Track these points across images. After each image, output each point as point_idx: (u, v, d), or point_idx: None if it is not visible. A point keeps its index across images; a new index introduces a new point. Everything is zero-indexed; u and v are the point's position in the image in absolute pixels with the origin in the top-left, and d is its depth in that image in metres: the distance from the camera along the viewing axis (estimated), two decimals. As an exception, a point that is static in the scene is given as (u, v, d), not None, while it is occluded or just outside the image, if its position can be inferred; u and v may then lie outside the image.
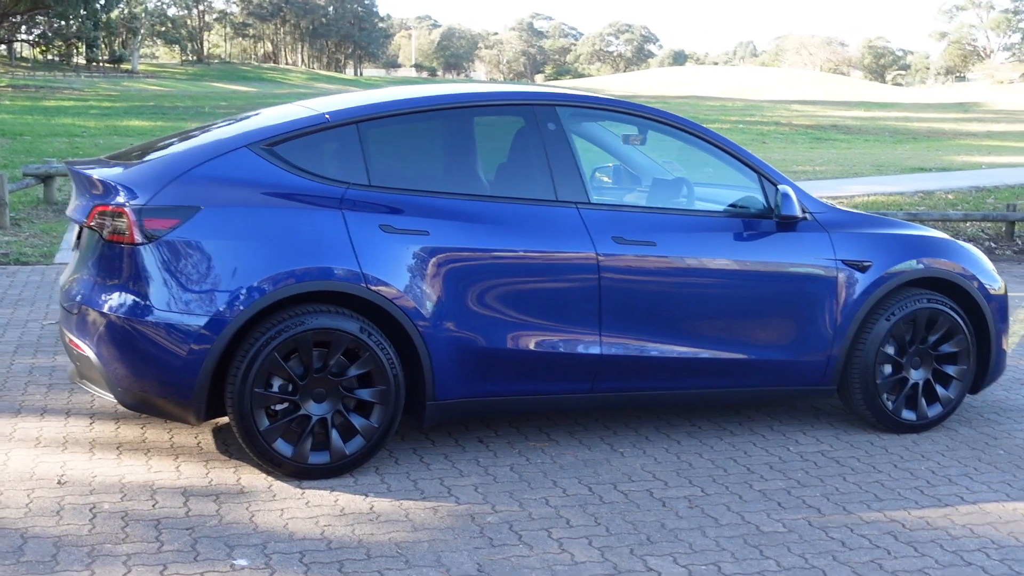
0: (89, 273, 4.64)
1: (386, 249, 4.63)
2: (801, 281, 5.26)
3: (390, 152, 4.91)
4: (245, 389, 4.45)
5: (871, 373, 5.38)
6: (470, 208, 4.82)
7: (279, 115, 5.00)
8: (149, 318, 4.42)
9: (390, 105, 4.94)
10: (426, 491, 4.54)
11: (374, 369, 4.61)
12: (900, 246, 5.47)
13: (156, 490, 4.46)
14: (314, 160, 4.73)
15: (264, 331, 4.46)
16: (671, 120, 5.33)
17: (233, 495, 4.43)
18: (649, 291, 5.03)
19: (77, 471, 4.64)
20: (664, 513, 4.39)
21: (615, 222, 4.99)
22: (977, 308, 5.58)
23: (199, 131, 5.24)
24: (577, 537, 4.13)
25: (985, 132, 37.78)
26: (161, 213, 4.45)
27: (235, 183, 4.58)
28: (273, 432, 4.52)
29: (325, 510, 4.31)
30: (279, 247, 4.51)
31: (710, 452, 5.14)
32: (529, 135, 5.02)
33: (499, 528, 4.19)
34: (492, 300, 4.79)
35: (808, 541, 4.16)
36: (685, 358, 5.12)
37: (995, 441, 5.46)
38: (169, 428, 5.22)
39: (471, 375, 4.80)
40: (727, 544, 4.11)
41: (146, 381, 4.49)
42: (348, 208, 4.63)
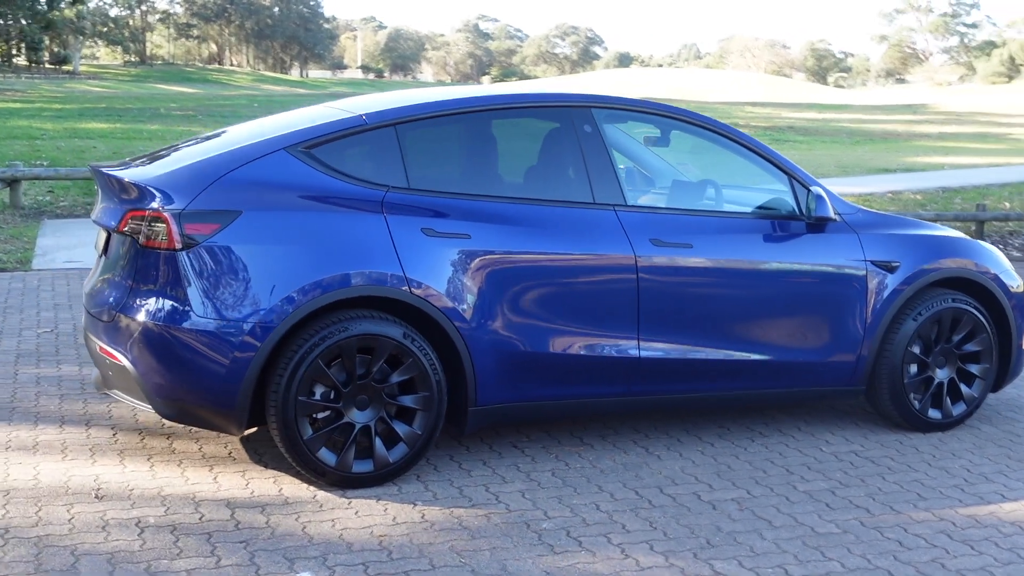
0: (122, 280, 4.52)
1: (429, 253, 4.56)
2: (833, 282, 5.28)
3: (428, 154, 4.85)
4: (289, 397, 4.36)
5: (899, 373, 5.41)
6: (510, 211, 4.77)
7: (312, 117, 4.91)
8: (190, 325, 4.32)
9: (427, 107, 4.87)
10: (473, 498, 4.49)
11: (417, 375, 4.54)
12: (926, 246, 5.51)
13: (199, 502, 4.35)
14: (352, 163, 4.66)
15: (307, 337, 4.38)
16: (702, 121, 5.32)
17: (279, 506, 4.34)
18: (686, 293, 5.02)
19: (112, 484, 4.52)
20: (716, 516, 4.37)
21: (652, 224, 4.96)
22: (999, 307, 5.63)
23: (225, 134, 5.14)
24: (637, 542, 4.10)
25: (937, 133, 38.38)
26: (202, 218, 4.35)
27: (274, 187, 4.49)
28: (316, 441, 4.44)
29: (377, 519, 4.24)
30: (323, 251, 4.43)
31: (745, 454, 5.13)
32: (565, 137, 4.98)
33: (557, 534, 4.14)
34: (533, 303, 4.74)
35: (865, 542, 4.17)
36: (720, 360, 5.10)
37: (1019, 438, 5.52)
38: (197, 437, 5.11)
39: (511, 380, 4.75)
40: (787, 546, 4.10)
41: (187, 390, 4.39)
42: (390, 211, 4.56)
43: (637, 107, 5.28)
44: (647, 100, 5.36)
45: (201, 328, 4.31)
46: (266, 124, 5.11)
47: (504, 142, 5.08)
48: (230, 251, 4.34)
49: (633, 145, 5.84)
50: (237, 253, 4.35)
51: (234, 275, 4.34)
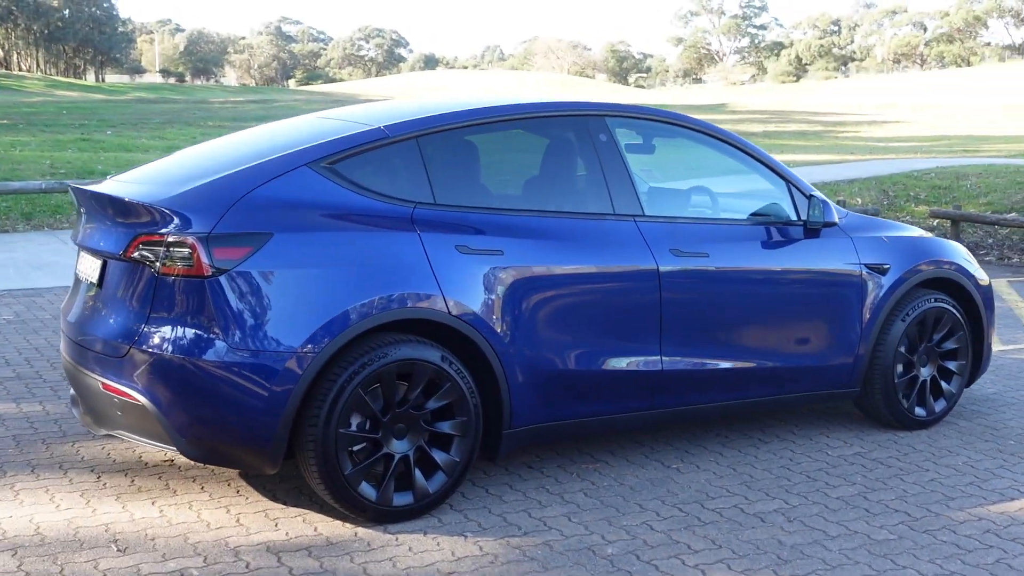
0: (134, 310, 4.12)
1: (463, 271, 4.35)
2: (835, 286, 5.33)
3: (452, 167, 4.62)
4: (329, 430, 4.07)
5: (890, 373, 5.51)
6: (538, 225, 4.60)
7: (322, 130, 4.60)
8: (222, 358, 3.97)
9: (446, 118, 4.63)
10: (521, 525, 4.30)
11: (455, 399, 4.32)
12: (912, 249, 5.63)
13: (235, 549, 4.01)
14: (376, 178, 4.39)
15: (346, 366, 4.10)
16: (707, 129, 5.29)
17: (323, 547, 4.05)
18: (704, 303, 4.96)
19: (127, 532, 4.12)
20: (770, 529, 4.32)
21: (670, 234, 4.88)
22: (973, 304, 5.82)
23: (218, 148, 4.78)
24: (712, 562, 4.00)
25: (763, 132, 39.88)
26: (232, 241, 4.01)
27: (300, 206, 4.19)
28: (357, 475, 4.16)
29: (436, 555, 4.00)
30: (360, 273, 4.15)
31: (759, 462, 5.11)
32: (583, 147, 4.84)
33: (628, 559, 4.00)
34: (563, 319, 4.59)
35: (925, 546, 4.19)
36: (736, 368, 5.07)
37: (998, 432, 5.70)
38: (190, 473, 4.73)
39: (543, 400, 4.58)
40: (856, 556, 4.08)
41: (219, 428, 4.03)
42: (422, 228, 4.32)
43: (647, 115, 5.19)
44: (658, 108, 5.27)
45: (235, 360, 3.97)
46: (264, 138, 4.78)
47: (525, 153, 4.91)
48: (263, 276, 4.02)
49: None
50: (270, 278, 4.03)
51: (268, 302, 4.02)
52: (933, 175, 17.64)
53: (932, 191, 16.17)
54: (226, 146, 4.83)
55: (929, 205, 15.11)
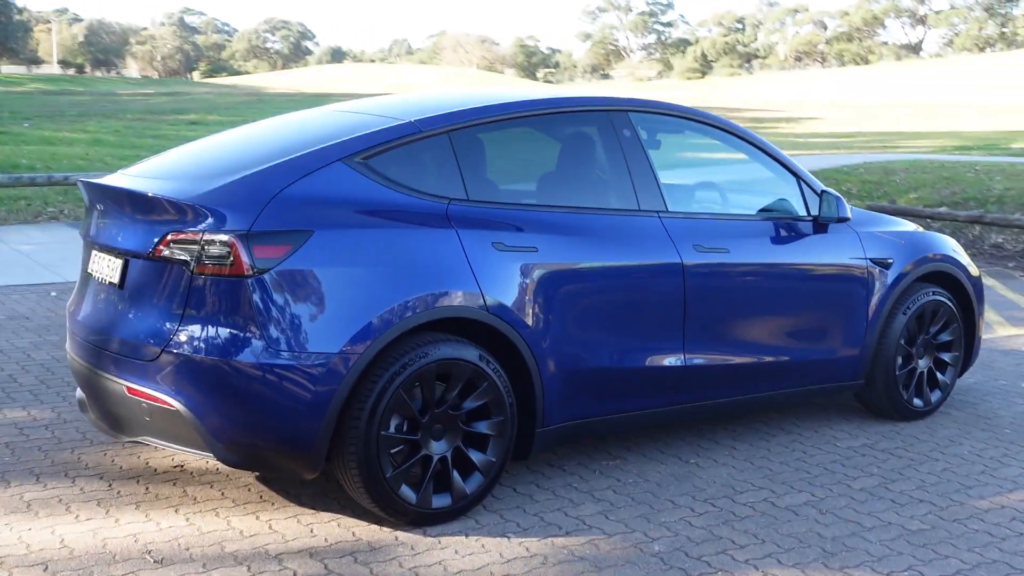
0: (165, 311, 3.96)
1: (500, 269, 4.28)
2: (844, 281, 5.39)
3: (482, 163, 4.55)
4: (371, 432, 3.97)
5: (892, 366, 5.59)
6: (569, 221, 4.55)
7: (349, 124, 4.48)
8: (263, 360, 3.84)
9: (478, 112, 4.54)
10: (561, 525, 4.25)
11: (492, 399, 4.25)
12: (911, 243, 5.72)
13: (277, 556, 3.89)
14: (410, 174, 4.29)
15: (387, 366, 4.00)
16: (722, 124, 5.30)
17: (367, 552, 3.95)
18: (724, 298, 4.97)
19: (159, 543, 3.97)
20: (807, 522, 4.34)
21: (692, 230, 4.88)
22: (966, 297, 5.93)
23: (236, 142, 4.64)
24: (761, 556, 4.00)
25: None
26: (272, 239, 3.88)
27: (336, 202, 4.07)
28: (397, 478, 4.07)
29: (484, 558, 3.93)
30: (401, 272, 4.06)
31: (774, 455, 5.14)
32: (609, 142, 4.80)
33: (678, 557, 3.98)
34: (595, 316, 4.55)
35: (959, 536, 4.25)
36: (753, 364, 5.09)
37: (991, 421, 5.82)
38: (207, 479, 4.59)
39: (575, 397, 4.54)
40: (897, 547, 4.12)
41: (258, 433, 3.91)
42: (459, 225, 4.24)
43: (668, 111, 5.16)
44: (676, 104, 5.25)
45: (276, 362, 3.84)
46: (284, 132, 4.66)
47: (552, 148, 4.85)
48: (304, 275, 3.90)
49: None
50: (311, 277, 3.91)
51: (310, 302, 3.90)
52: (862, 170, 17.99)
53: (864, 186, 16.49)
54: (242, 140, 4.69)
55: (862, 200, 15.39)
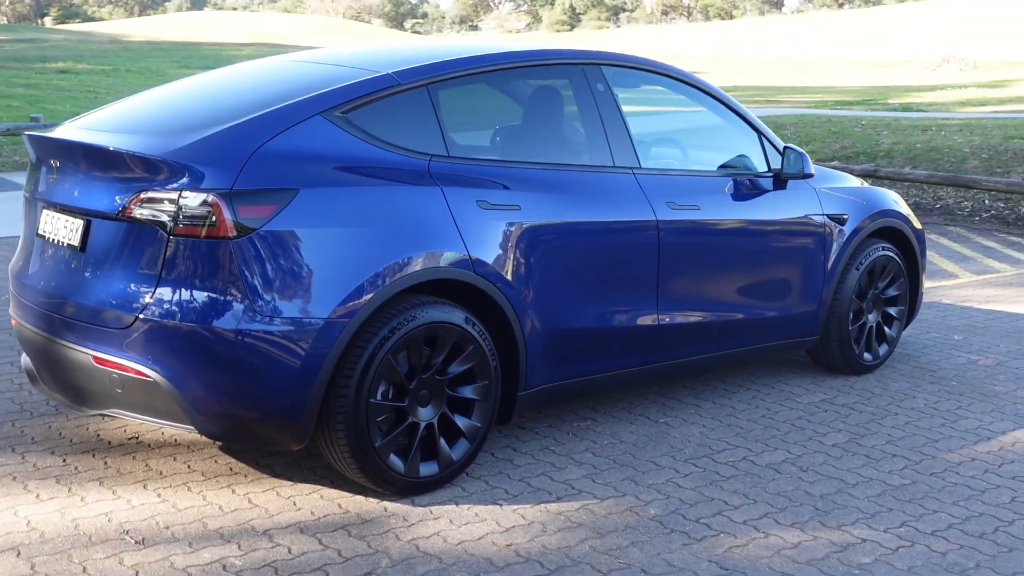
0: (136, 276, 3.69)
1: (485, 228, 4.13)
2: (806, 237, 5.39)
3: (461, 117, 4.37)
4: (360, 400, 3.79)
5: (845, 321, 5.63)
6: (549, 178, 4.41)
7: (322, 76, 4.23)
8: (249, 327, 3.62)
9: (455, 64, 4.35)
10: (551, 491, 4.15)
11: (477, 363, 4.11)
12: (863, 199, 5.75)
13: (266, 533, 3.70)
14: (390, 129, 4.08)
15: (376, 331, 3.82)
16: (691, 80, 5.21)
17: (359, 526, 3.78)
18: (696, 256, 4.91)
19: (136, 522, 3.74)
20: (791, 480, 4.33)
21: (664, 187, 4.79)
22: (912, 252, 6.01)
23: (199, 93, 4.35)
24: (757, 517, 3.97)
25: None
26: (257, 198, 3.64)
27: (318, 158, 3.85)
28: (387, 447, 3.90)
29: (483, 528, 3.81)
30: (390, 232, 3.87)
31: (740, 413, 5.13)
32: (585, 97, 4.66)
33: (675, 520, 3.93)
34: (576, 275, 4.44)
35: (941, 490, 4.29)
36: (724, 320, 5.07)
37: (935, 373, 5.93)
38: (167, 451, 4.36)
39: (555, 359, 4.43)
40: (885, 502, 4.14)
41: (244, 403, 3.69)
42: (443, 183, 4.06)
43: (639, 65, 5.03)
44: (638, 56, 5.12)
45: (262, 328, 3.63)
46: (252, 84, 4.39)
47: (532, 104, 4.69)
48: (290, 237, 3.67)
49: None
50: (298, 238, 3.69)
51: (296, 264, 3.69)
52: (752, 124, 18.28)
53: (756, 140, 16.76)
54: (205, 92, 4.40)
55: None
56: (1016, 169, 14.05)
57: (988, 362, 6.17)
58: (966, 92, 27.59)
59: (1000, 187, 12.30)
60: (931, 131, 16.91)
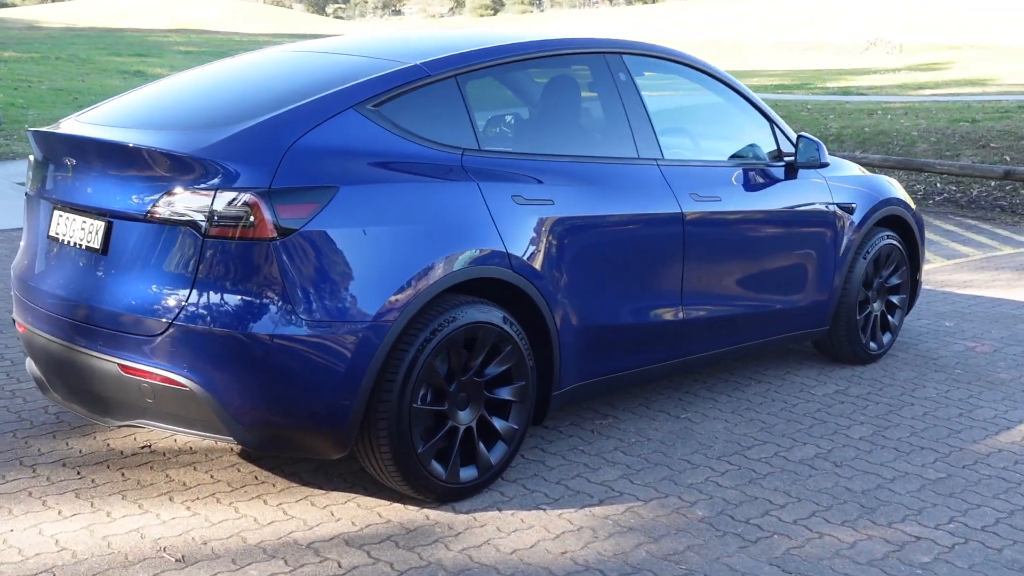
0: (168, 280, 3.48)
1: (521, 224, 3.99)
2: (819, 227, 5.34)
3: (491, 109, 4.22)
4: (403, 405, 3.64)
5: (853, 311, 5.60)
6: (580, 171, 4.29)
7: (348, 68, 4.05)
8: (291, 332, 3.44)
9: (484, 54, 4.19)
10: (592, 493, 4.04)
11: (515, 364, 3.98)
12: (869, 188, 5.71)
13: (310, 547, 3.53)
14: (421, 122, 3.93)
15: (417, 332, 3.67)
16: (708, 69, 5.12)
17: (404, 536, 3.64)
18: (718, 248, 4.82)
19: (170, 538, 3.55)
20: (829, 476, 4.27)
21: (687, 178, 4.69)
22: (913, 240, 6.00)
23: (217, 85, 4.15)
24: (806, 516, 3.91)
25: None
26: (296, 197, 3.46)
27: (353, 154, 3.68)
28: (428, 453, 3.76)
29: (533, 535, 3.68)
30: (429, 230, 3.71)
31: (759, 407, 5.07)
32: (607, 87, 4.54)
33: (725, 521, 3.84)
34: (606, 271, 4.33)
35: (978, 483, 4.26)
36: (744, 313, 5.00)
37: (937, 361, 5.93)
38: (184, 459, 4.16)
39: (588, 356, 4.32)
40: (926, 497, 4.10)
41: (286, 411, 3.51)
42: (478, 178, 3.91)
43: (652, 52, 4.91)
44: (655, 44, 4.99)
45: (306, 333, 3.45)
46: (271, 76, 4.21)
47: (557, 94, 4.55)
48: (332, 236, 3.50)
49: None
50: (340, 238, 3.52)
51: (339, 265, 3.52)
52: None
53: (706, 125, 16.80)
54: (224, 85, 4.20)
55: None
56: (965, 152, 14.25)
57: (986, 349, 6.19)
58: (900, 76, 28.01)
59: (954, 170, 12.44)
60: (877, 115, 17.09)
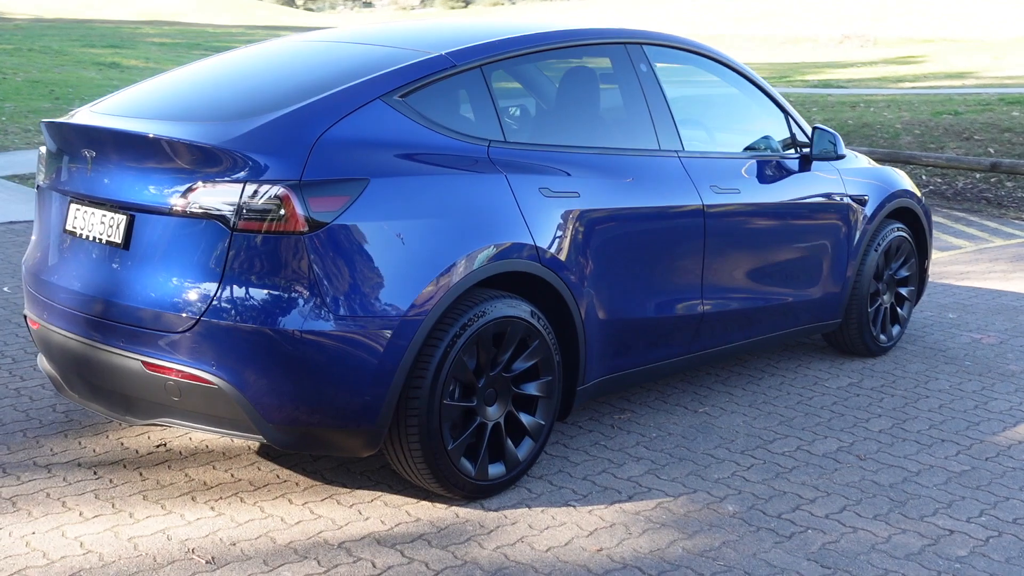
0: (195, 275, 3.40)
1: (548, 217, 3.93)
2: (834, 219, 5.31)
3: (514, 100, 4.16)
4: (434, 401, 3.58)
5: (865, 303, 5.58)
6: (604, 163, 4.23)
7: (373, 58, 3.97)
8: (324, 328, 3.37)
9: (509, 44, 4.12)
10: (620, 489, 3.99)
11: (542, 358, 3.93)
12: (880, 180, 5.69)
13: (340, 546, 3.47)
14: (448, 113, 3.87)
15: (447, 328, 3.61)
16: (725, 60, 5.07)
17: (436, 535, 3.58)
18: (737, 241, 4.78)
19: (196, 539, 3.47)
20: (855, 470, 4.24)
21: (707, 170, 4.65)
22: (921, 231, 5.99)
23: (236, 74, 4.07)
24: (837, 511, 3.87)
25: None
26: (327, 190, 3.38)
27: (382, 145, 3.60)
28: (458, 450, 3.70)
29: (567, 533, 3.63)
30: (460, 223, 3.65)
31: (776, 400, 5.04)
32: (629, 78, 4.49)
33: (757, 516, 3.80)
34: (632, 264, 4.28)
35: (1003, 475, 4.24)
36: (760, 306, 4.97)
37: (945, 353, 5.92)
38: (202, 458, 4.08)
39: (610, 351, 4.27)
40: (953, 490, 4.07)
41: (317, 409, 3.44)
42: (507, 170, 3.85)
43: (669, 43, 4.85)
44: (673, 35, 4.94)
45: (338, 329, 3.38)
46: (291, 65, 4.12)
47: (580, 85, 4.49)
48: (362, 230, 3.43)
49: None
50: (371, 231, 3.45)
51: (371, 259, 3.44)
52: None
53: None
54: (243, 73, 4.12)
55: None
56: (949, 144, 14.31)
57: (992, 340, 6.19)
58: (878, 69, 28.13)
59: (940, 163, 12.48)
60: (860, 107, 17.14)
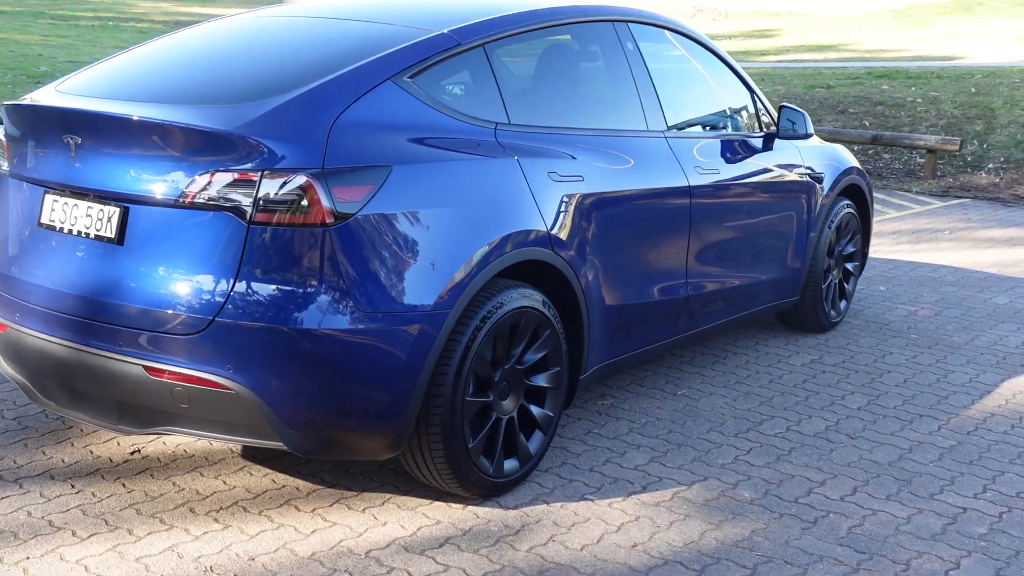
0: (206, 273, 3.14)
1: (558, 202, 3.80)
2: (798, 197, 5.32)
3: (515, 80, 3.99)
4: (457, 398, 3.42)
5: (820, 279, 5.63)
6: (604, 145, 4.12)
7: (374, 35, 3.73)
8: (350, 326, 3.16)
9: (508, 21, 3.93)
10: (631, 480, 3.91)
11: (552, 349, 3.80)
12: (832, 158, 5.74)
13: (368, 555, 3.29)
14: (453, 94, 3.69)
15: (468, 321, 3.45)
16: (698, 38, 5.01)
17: (462, 538, 3.43)
18: (717, 221, 4.74)
19: (210, 555, 3.24)
20: (850, 450, 4.26)
21: (690, 150, 4.58)
22: (866, 207, 6.07)
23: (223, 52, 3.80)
24: (850, 492, 3.87)
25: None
26: (352, 179, 3.17)
27: (397, 129, 3.40)
28: (477, 447, 3.55)
29: (596, 529, 3.52)
30: (482, 211, 3.49)
31: (746, 381, 5.03)
32: (616, 57, 4.37)
33: (775, 502, 3.77)
34: (629, 248, 4.19)
35: (988, 449, 4.32)
36: (737, 285, 4.95)
37: (891, 327, 6.03)
38: (187, 464, 3.83)
39: (609, 338, 4.18)
40: (948, 466, 4.13)
41: (342, 412, 3.23)
42: (517, 154, 3.69)
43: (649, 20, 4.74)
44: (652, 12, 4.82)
45: (364, 327, 3.18)
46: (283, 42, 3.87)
47: (575, 64, 4.34)
48: (388, 220, 3.23)
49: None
50: (396, 222, 3.25)
51: (396, 251, 3.25)
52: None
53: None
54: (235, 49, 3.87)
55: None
56: (826, 118, 14.66)
57: (927, 313, 6.35)
58: (738, 43, 28.65)
59: (822, 136, 12.78)
60: (734, 81, 17.43)
